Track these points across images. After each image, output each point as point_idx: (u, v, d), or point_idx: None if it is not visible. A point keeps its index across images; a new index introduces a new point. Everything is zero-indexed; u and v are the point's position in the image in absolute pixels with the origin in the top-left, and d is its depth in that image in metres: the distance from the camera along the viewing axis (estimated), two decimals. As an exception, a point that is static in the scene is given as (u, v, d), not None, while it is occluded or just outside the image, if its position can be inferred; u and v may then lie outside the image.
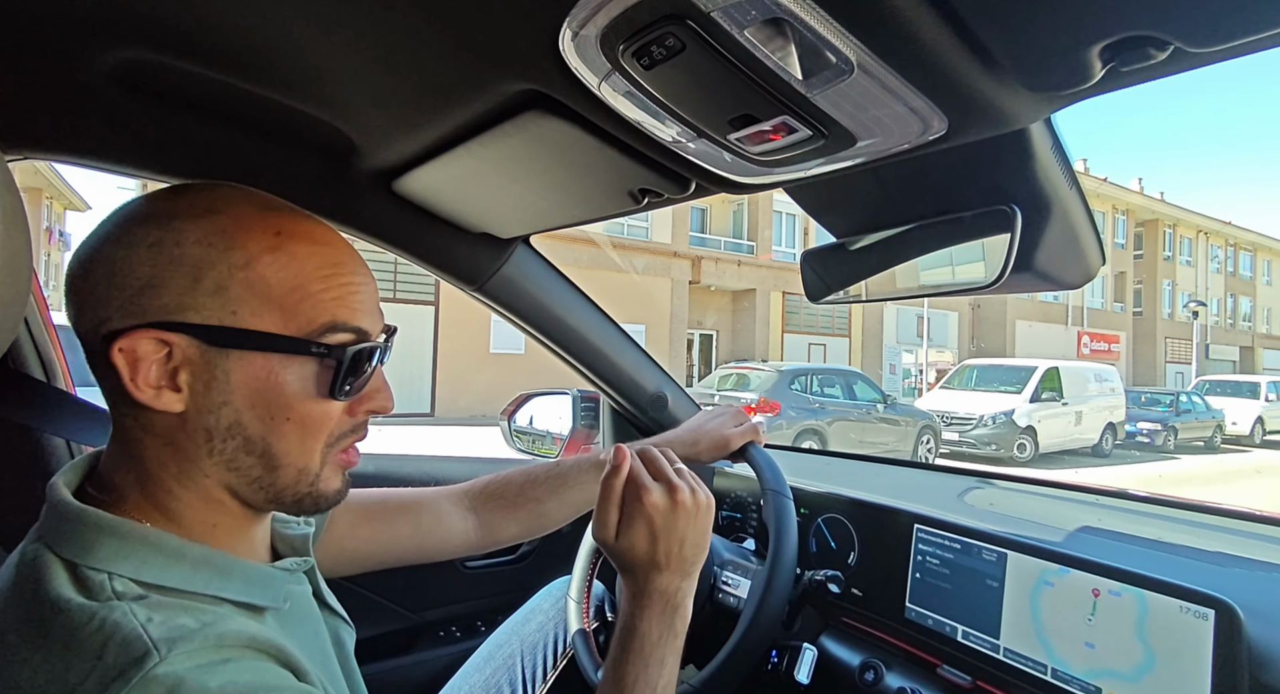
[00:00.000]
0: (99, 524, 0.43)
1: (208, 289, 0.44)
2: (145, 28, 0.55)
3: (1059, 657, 0.70)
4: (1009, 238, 0.64)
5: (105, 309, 0.43)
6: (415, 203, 0.91)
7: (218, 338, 0.44)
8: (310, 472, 0.49)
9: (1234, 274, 29.67)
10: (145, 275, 0.43)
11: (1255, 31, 0.38)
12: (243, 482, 0.47)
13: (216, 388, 0.45)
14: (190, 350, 0.44)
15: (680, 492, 0.64)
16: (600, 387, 1.26)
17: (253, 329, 0.45)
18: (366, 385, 0.51)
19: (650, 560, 0.62)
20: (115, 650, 0.36)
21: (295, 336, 0.46)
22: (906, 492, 1.03)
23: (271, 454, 0.47)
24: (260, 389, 0.46)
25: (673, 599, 0.63)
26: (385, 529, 0.78)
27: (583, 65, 0.53)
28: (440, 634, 1.22)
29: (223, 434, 0.46)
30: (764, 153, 0.61)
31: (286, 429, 0.47)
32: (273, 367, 0.46)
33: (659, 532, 0.62)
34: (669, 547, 0.62)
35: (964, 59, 0.45)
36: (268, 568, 0.50)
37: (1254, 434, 15.57)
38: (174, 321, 0.43)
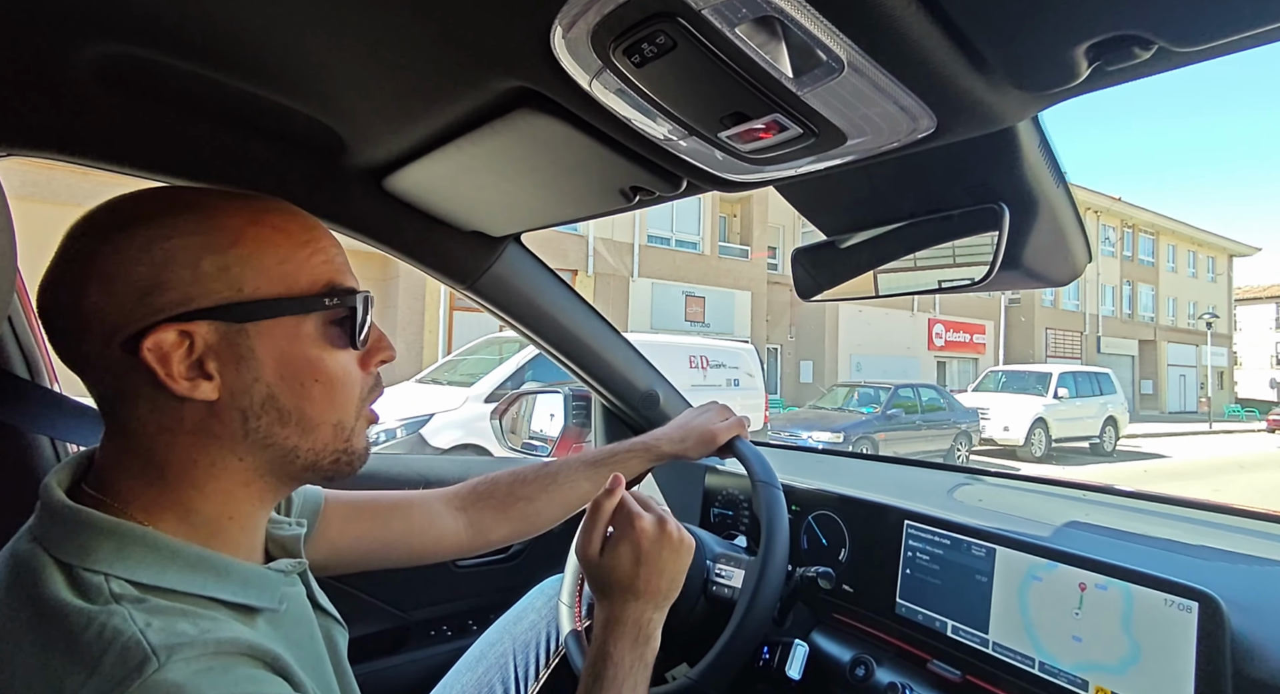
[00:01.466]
0: (96, 525, 0.43)
1: (209, 272, 0.45)
2: (127, 22, 0.55)
3: (1047, 650, 0.71)
4: (997, 235, 0.65)
5: (112, 320, 0.44)
6: (405, 201, 0.91)
7: (235, 314, 0.46)
8: (346, 426, 0.51)
9: (1132, 259, 26.42)
10: (146, 275, 0.44)
11: (1237, 31, 0.38)
12: (278, 456, 0.49)
13: (245, 366, 0.46)
14: (211, 336, 0.45)
15: (669, 524, 0.67)
16: (592, 385, 1.26)
17: (264, 297, 0.46)
18: (370, 338, 0.54)
19: (629, 585, 0.65)
20: (114, 657, 0.36)
21: (301, 295, 0.48)
22: (896, 488, 1.03)
23: (306, 418, 0.49)
24: (286, 355, 0.48)
25: (645, 629, 0.65)
26: (378, 527, 0.78)
27: (574, 62, 0.53)
28: (431, 633, 1.22)
29: (257, 412, 0.47)
30: (755, 150, 0.61)
31: (317, 392, 0.49)
32: (292, 330, 0.48)
33: (643, 556, 0.65)
34: (650, 574, 0.65)
35: (953, 58, 0.45)
36: (264, 570, 0.50)
37: (1031, 444, 11.32)
38: (189, 311, 0.44)
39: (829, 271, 0.88)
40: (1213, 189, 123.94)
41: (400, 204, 0.92)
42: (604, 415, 1.37)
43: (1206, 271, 30.50)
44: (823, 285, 0.89)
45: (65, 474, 0.48)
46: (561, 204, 0.88)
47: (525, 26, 0.50)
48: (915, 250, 0.77)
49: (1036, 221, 0.65)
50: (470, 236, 1.01)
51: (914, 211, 0.75)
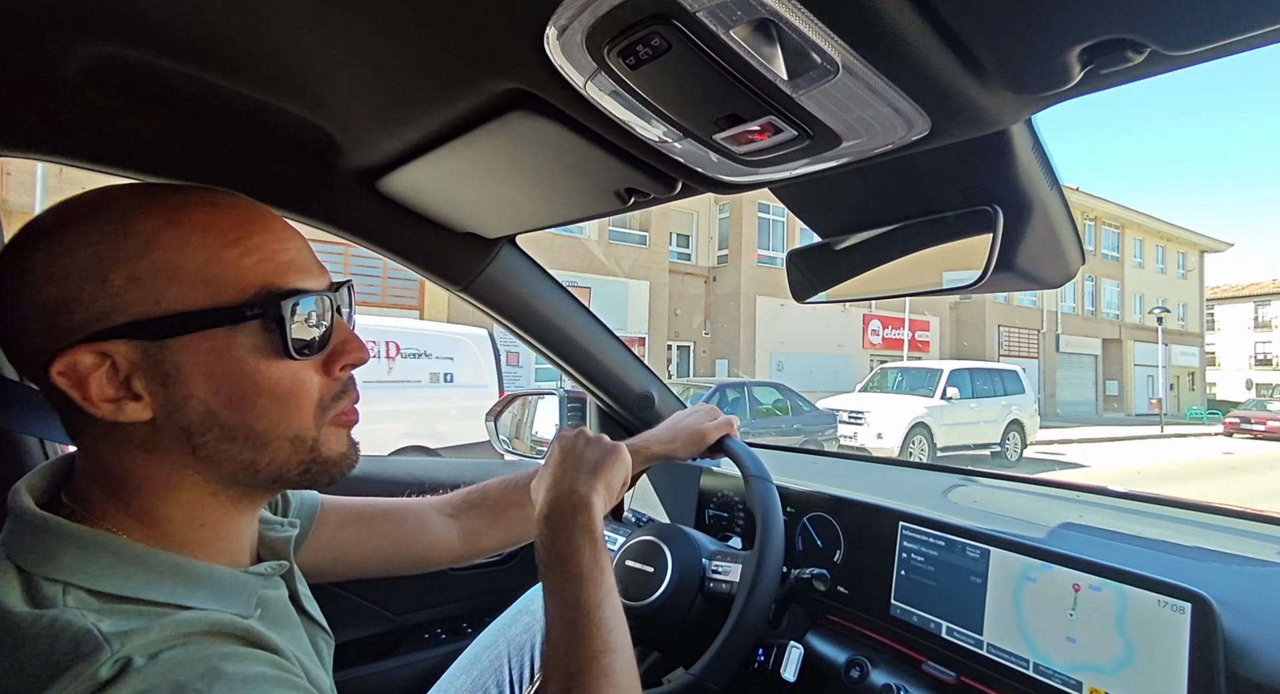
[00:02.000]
0: (59, 532, 0.42)
1: (119, 286, 0.41)
2: (118, 22, 0.54)
3: (1041, 651, 0.71)
4: (991, 238, 0.65)
5: (35, 341, 0.42)
6: (400, 202, 0.91)
7: (151, 331, 0.42)
8: (306, 438, 0.47)
9: (1095, 253, 24.58)
10: (53, 294, 0.41)
11: (1229, 35, 0.38)
12: (235, 470, 0.46)
13: (174, 384, 0.43)
14: (131, 354, 0.42)
15: (582, 431, 0.73)
16: (587, 386, 1.26)
17: (181, 311, 0.42)
18: (331, 341, 0.49)
19: (555, 481, 0.67)
20: (65, 647, 0.35)
21: (226, 305, 0.43)
22: (891, 490, 1.04)
23: (255, 433, 0.45)
24: (217, 371, 0.43)
25: (573, 498, 0.64)
26: (372, 533, 0.78)
27: (568, 64, 0.53)
28: (425, 637, 1.21)
29: (199, 429, 0.44)
30: (750, 152, 0.61)
31: (262, 405, 0.45)
32: (218, 344, 0.43)
33: (564, 454, 0.69)
34: (571, 462, 0.68)
35: (947, 60, 0.45)
36: (240, 573, 0.49)
37: (910, 453, 9.75)
38: (103, 329, 0.41)
39: (824, 273, 0.88)
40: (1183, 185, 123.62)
41: (394, 206, 0.91)
42: (599, 417, 1.37)
43: (1176, 267, 28.89)
44: (818, 287, 0.89)
45: (38, 479, 0.47)
46: (556, 206, 0.88)
47: (519, 28, 0.50)
48: (910, 252, 0.77)
49: (1030, 224, 0.65)
50: (465, 238, 1.01)
51: (908, 214, 0.75)
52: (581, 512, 0.63)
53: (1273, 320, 38.14)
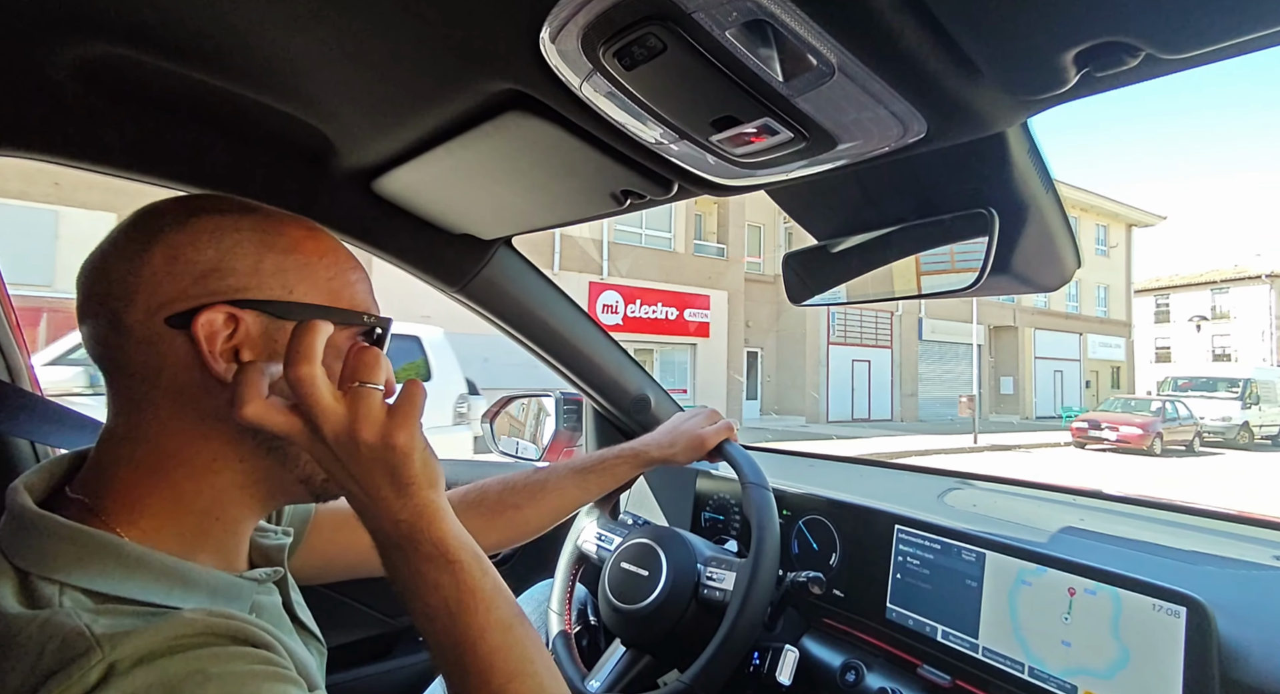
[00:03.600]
0: (56, 532, 0.42)
1: (268, 269, 0.48)
2: (111, 22, 0.54)
3: (1036, 655, 0.71)
4: (987, 241, 0.65)
5: (166, 293, 0.45)
6: (395, 203, 0.90)
7: (281, 311, 0.48)
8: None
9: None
10: (211, 259, 0.46)
11: (1225, 38, 0.38)
12: (277, 463, 0.49)
13: (276, 361, 0.47)
14: (255, 326, 0.47)
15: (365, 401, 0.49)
16: (583, 389, 1.26)
17: (311, 303, 0.49)
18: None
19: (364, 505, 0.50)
20: (55, 648, 0.35)
21: (349, 309, 0.51)
22: (887, 493, 1.03)
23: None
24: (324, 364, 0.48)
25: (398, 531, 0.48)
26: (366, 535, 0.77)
27: (564, 65, 0.52)
28: (419, 639, 1.20)
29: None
30: (746, 155, 0.61)
31: None
32: (339, 341, 0.50)
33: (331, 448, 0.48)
34: (351, 464, 0.48)
35: (943, 63, 0.45)
36: (235, 578, 0.49)
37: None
38: (244, 299, 0.47)
39: (820, 276, 0.88)
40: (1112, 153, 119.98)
41: (390, 207, 0.91)
42: (595, 419, 1.37)
43: (1095, 243, 23.78)
44: (814, 290, 0.89)
45: (38, 477, 0.47)
46: (552, 207, 0.87)
47: (514, 28, 0.50)
48: (906, 255, 0.77)
49: (1026, 227, 0.65)
50: (461, 240, 1.00)
51: (904, 216, 0.75)
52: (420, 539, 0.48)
53: (1231, 310, 33.70)
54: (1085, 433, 14.73)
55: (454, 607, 0.47)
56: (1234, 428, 16.89)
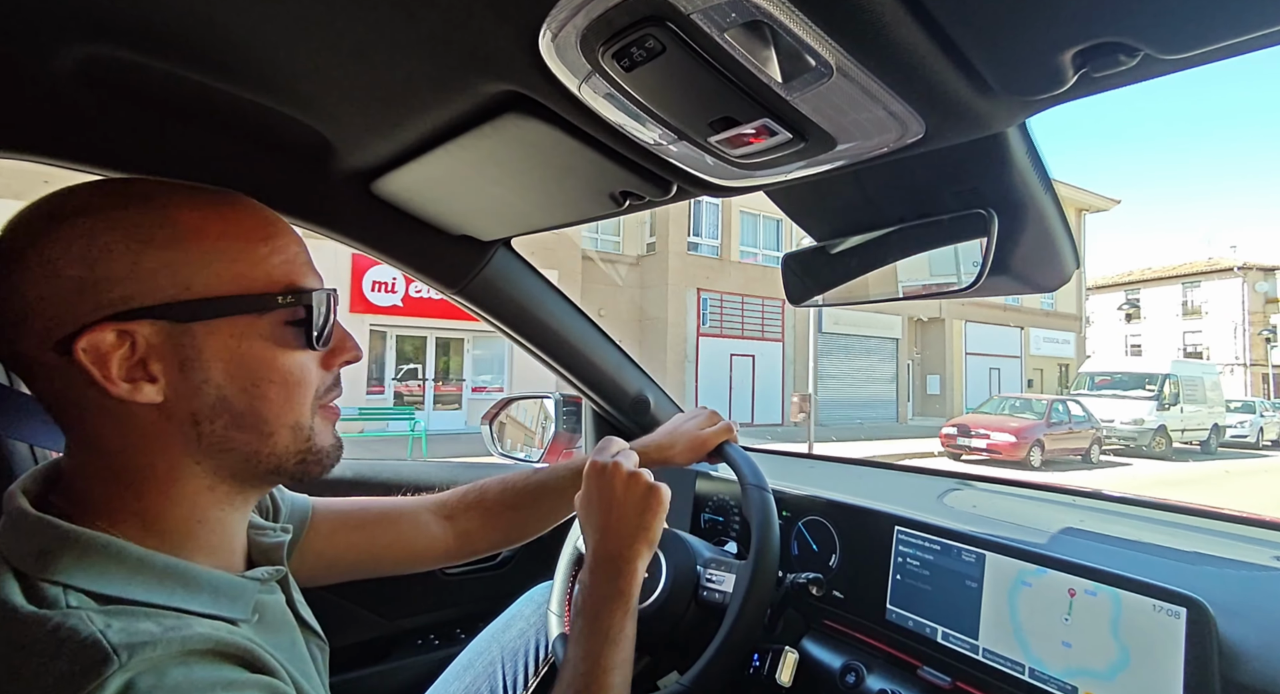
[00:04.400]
0: (56, 534, 0.41)
1: (152, 268, 0.43)
2: (111, 23, 0.54)
3: (1036, 656, 0.70)
4: (986, 241, 0.65)
5: (49, 319, 0.42)
6: (394, 204, 0.90)
7: (178, 313, 0.43)
8: (304, 426, 0.49)
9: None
10: (83, 270, 0.42)
11: (1223, 38, 0.38)
12: (238, 461, 0.47)
13: (192, 368, 0.44)
14: (154, 336, 0.43)
15: (641, 474, 0.72)
16: (582, 390, 1.26)
17: (211, 296, 0.44)
18: (333, 338, 0.52)
19: (599, 523, 0.70)
20: (70, 656, 0.34)
21: (260, 293, 0.46)
22: (887, 494, 1.03)
23: (262, 421, 0.47)
24: (236, 356, 0.45)
25: (617, 563, 0.68)
26: (365, 536, 0.77)
27: (563, 66, 0.52)
28: (418, 642, 1.20)
29: (209, 415, 0.45)
30: (744, 155, 0.61)
31: (271, 393, 0.47)
32: (243, 329, 0.46)
33: (612, 493, 0.71)
34: (608, 508, 0.70)
35: (941, 64, 0.45)
36: (237, 578, 0.49)
37: None
38: (130, 309, 0.42)
39: (819, 277, 0.88)
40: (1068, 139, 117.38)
41: (389, 208, 0.91)
42: (594, 420, 1.37)
43: None
44: (813, 291, 0.89)
45: (31, 482, 0.46)
46: (551, 209, 0.87)
47: (513, 30, 0.50)
48: (905, 255, 0.78)
49: (1025, 227, 0.66)
50: (460, 241, 1.00)
51: (904, 217, 0.75)
52: (624, 575, 0.68)
53: (1203, 306, 31.98)
54: (953, 440, 12.09)
55: (611, 635, 0.65)
56: (1147, 433, 14.06)
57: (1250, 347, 30.15)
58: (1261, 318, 30.34)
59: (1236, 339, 30.49)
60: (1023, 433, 11.73)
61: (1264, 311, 30.62)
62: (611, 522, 0.69)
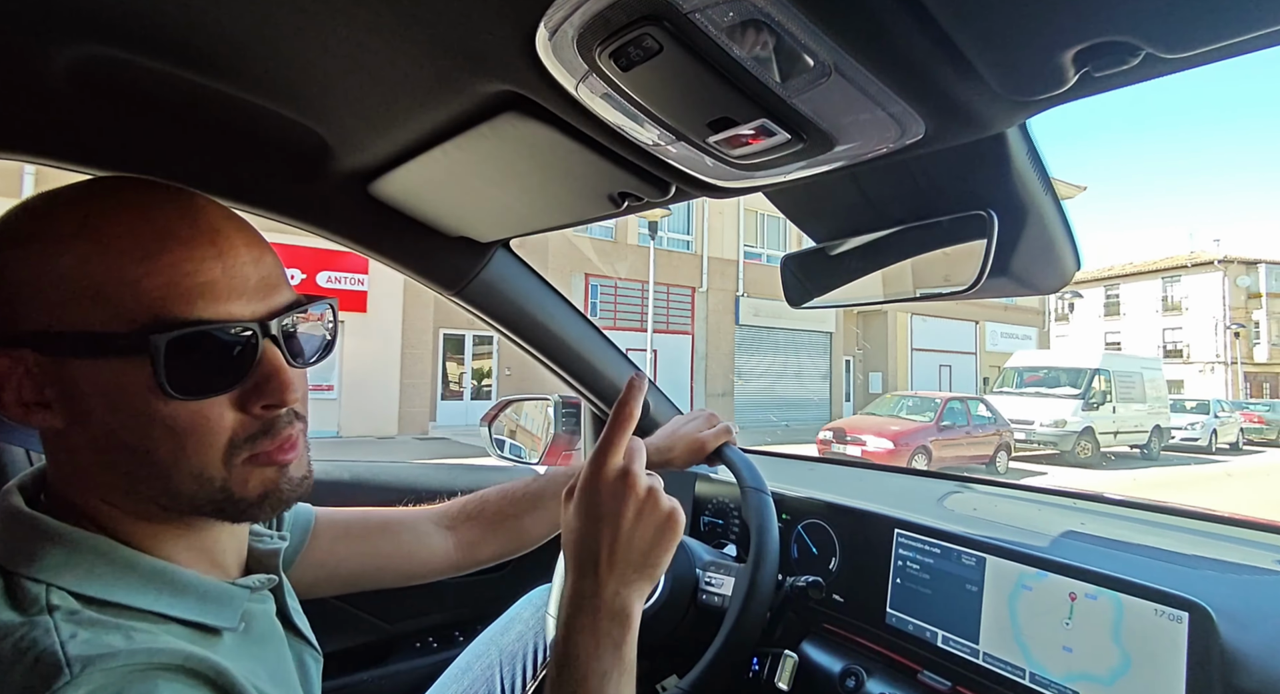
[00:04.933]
0: (47, 532, 0.41)
1: (25, 292, 0.39)
2: (106, 23, 0.54)
3: (1037, 661, 0.70)
4: (986, 243, 0.64)
5: None
6: (392, 206, 0.90)
7: (49, 346, 0.40)
8: (211, 478, 0.43)
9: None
10: None
11: (1224, 38, 0.38)
12: (152, 492, 0.43)
13: (76, 399, 0.40)
14: (36, 364, 0.40)
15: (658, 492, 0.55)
16: (581, 392, 1.25)
17: (75, 331, 0.39)
18: (251, 376, 0.44)
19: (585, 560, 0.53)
20: (25, 668, 0.34)
21: (116, 332, 0.39)
22: (887, 497, 1.03)
23: (157, 462, 0.42)
24: (111, 396, 0.40)
25: (609, 606, 0.52)
26: (367, 547, 0.77)
27: (559, 66, 0.52)
28: (416, 645, 1.20)
29: (105, 447, 0.42)
30: (743, 156, 0.60)
31: (160, 435, 0.41)
32: (115, 370, 0.40)
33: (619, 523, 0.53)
34: (614, 538, 0.53)
35: (941, 64, 0.45)
36: (226, 585, 0.48)
37: None
38: (11, 334, 0.40)
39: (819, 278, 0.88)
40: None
41: (387, 209, 0.91)
42: (594, 422, 1.36)
43: None
44: (813, 293, 0.88)
45: (30, 482, 0.46)
46: (550, 210, 0.87)
47: (510, 29, 0.49)
48: (905, 257, 0.77)
49: (1025, 228, 0.65)
50: (458, 242, 1.00)
51: (903, 218, 0.74)
52: (626, 628, 0.53)
53: (1183, 301, 30.03)
54: (829, 447, 10.58)
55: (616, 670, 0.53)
56: (1069, 436, 11.95)
57: (1230, 344, 28.46)
58: (1243, 313, 28.84)
59: (1217, 336, 28.83)
60: (903, 438, 10.11)
61: (1245, 307, 29.16)
62: (617, 555, 0.52)
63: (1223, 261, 29.01)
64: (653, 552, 0.54)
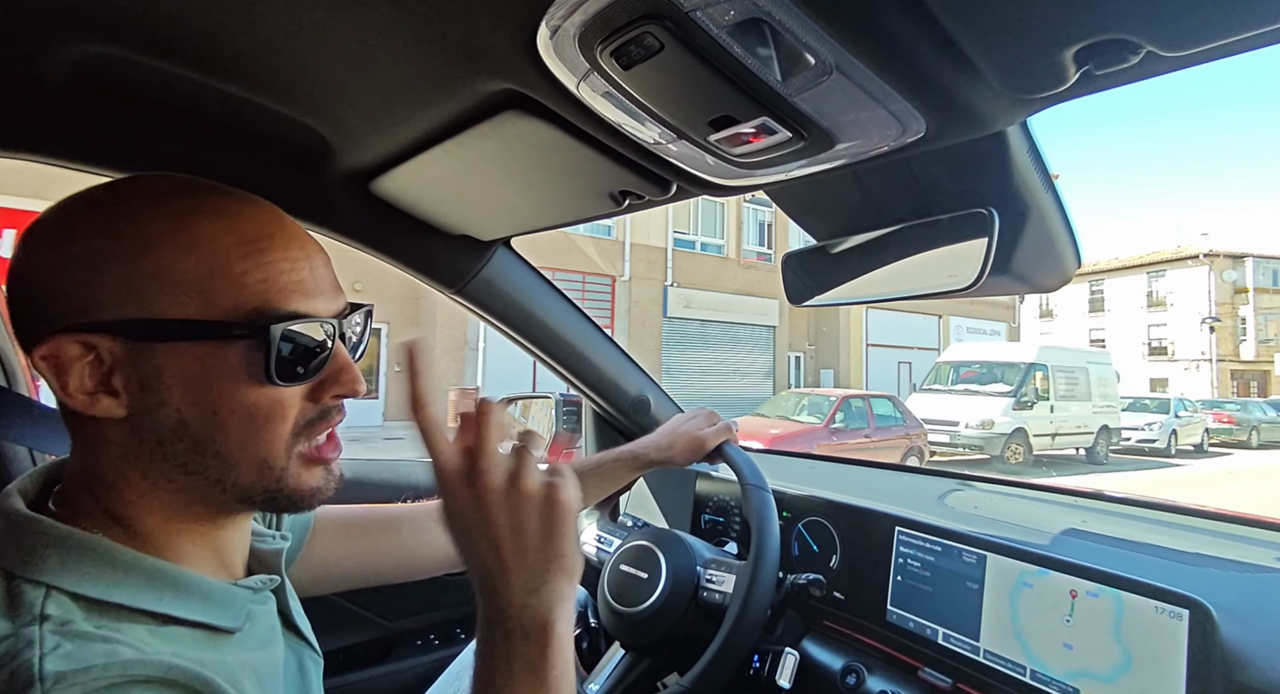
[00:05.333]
0: (47, 534, 0.41)
1: (110, 283, 0.41)
2: (107, 22, 0.54)
3: (1038, 658, 0.70)
4: (986, 241, 0.64)
5: (31, 321, 0.42)
6: (393, 204, 0.90)
7: (136, 332, 0.41)
8: (273, 466, 0.45)
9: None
10: (50, 279, 0.42)
11: (1224, 36, 0.38)
12: (204, 484, 0.44)
13: (151, 387, 0.42)
14: (117, 350, 0.41)
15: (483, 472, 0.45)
16: (582, 390, 1.26)
17: (170, 318, 0.41)
18: (325, 368, 0.47)
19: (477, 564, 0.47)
20: (2, 680, 0.34)
21: (218, 321, 0.42)
22: (888, 494, 1.03)
23: (223, 452, 0.44)
24: (195, 383, 0.42)
25: (512, 621, 0.45)
26: (368, 544, 0.77)
27: (561, 64, 0.52)
28: (418, 643, 1.20)
29: (169, 437, 0.43)
30: (744, 154, 0.61)
31: (233, 424, 0.43)
32: (203, 356, 0.42)
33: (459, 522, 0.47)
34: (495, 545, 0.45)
35: (942, 62, 0.45)
36: (229, 586, 0.48)
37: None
38: (90, 322, 0.41)
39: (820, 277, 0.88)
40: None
41: (388, 208, 0.91)
42: (594, 420, 1.36)
43: None
44: (813, 290, 0.88)
45: (29, 483, 0.46)
46: (550, 208, 0.87)
47: (511, 28, 0.49)
48: (906, 255, 0.77)
49: (1026, 226, 0.65)
50: (459, 240, 1.00)
51: (904, 216, 0.74)
52: (533, 641, 0.44)
53: (1168, 297, 28.39)
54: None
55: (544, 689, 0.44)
56: (997, 439, 10.64)
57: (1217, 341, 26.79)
58: (1229, 309, 27.31)
59: (1201, 332, 27.17)
60: (781, 443, 8.55)
61: (1232, 302, 27.59)
62: (505, 562, 0.45)
63: (1208, 255, 27.57)
64: (548, 541, 0.46)
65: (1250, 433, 16.67)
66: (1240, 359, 27.42)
